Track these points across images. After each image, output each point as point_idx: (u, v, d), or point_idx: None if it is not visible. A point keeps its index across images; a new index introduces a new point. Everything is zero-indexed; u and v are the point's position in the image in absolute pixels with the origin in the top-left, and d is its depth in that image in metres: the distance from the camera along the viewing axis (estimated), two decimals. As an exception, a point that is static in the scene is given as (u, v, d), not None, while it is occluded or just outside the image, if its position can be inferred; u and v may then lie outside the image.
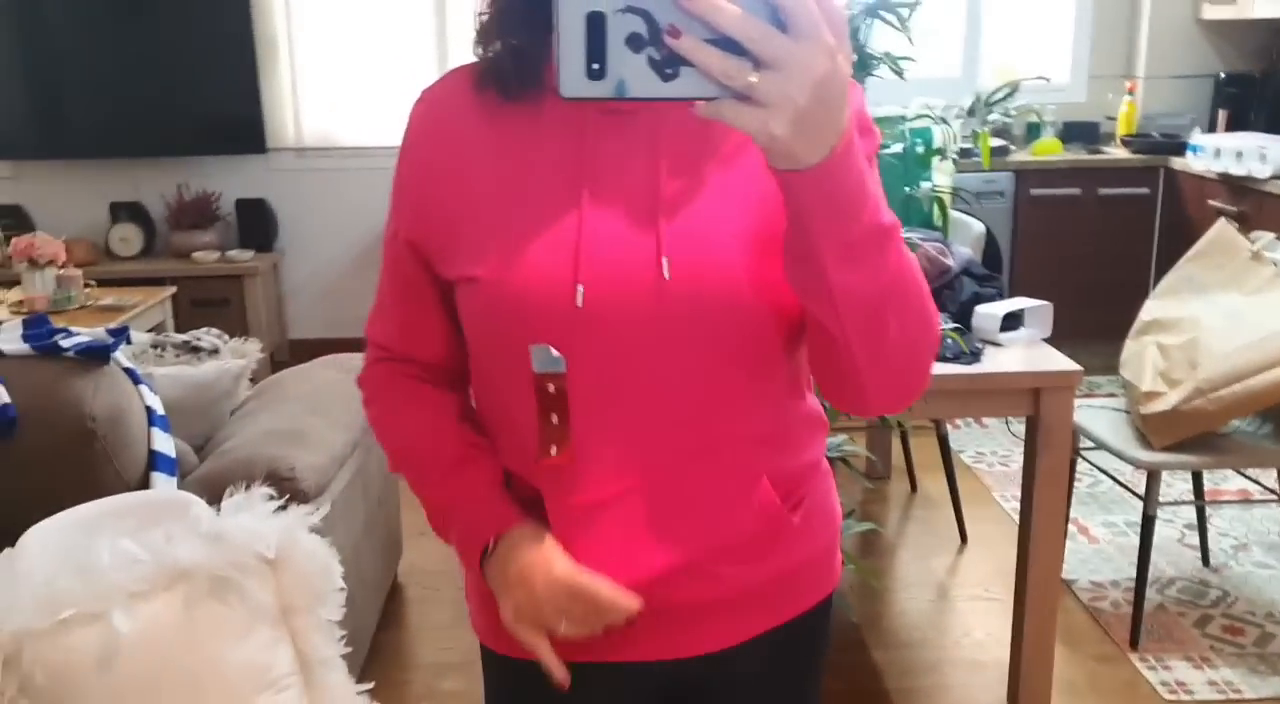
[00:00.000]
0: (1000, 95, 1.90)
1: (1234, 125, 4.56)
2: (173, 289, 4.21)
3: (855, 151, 0.77)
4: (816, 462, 1.09)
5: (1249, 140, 4.00)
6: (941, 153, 2.12)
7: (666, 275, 0.92)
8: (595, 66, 0.71)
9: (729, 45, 0.70)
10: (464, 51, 1.03)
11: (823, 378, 0.96)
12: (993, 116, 1.87)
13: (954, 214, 3.24)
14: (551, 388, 0.94)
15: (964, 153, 2.26)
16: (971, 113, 1.88)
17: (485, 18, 0.98)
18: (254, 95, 4.72)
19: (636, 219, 0.94)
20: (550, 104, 0.98)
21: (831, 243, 0.80)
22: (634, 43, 0.70)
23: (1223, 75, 4.70)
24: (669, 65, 0.70)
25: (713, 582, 1.01)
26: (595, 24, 0.71)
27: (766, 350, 0.96)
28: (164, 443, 1.95)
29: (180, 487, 2.00)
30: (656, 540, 0.98)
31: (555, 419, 0.95)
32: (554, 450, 0.96)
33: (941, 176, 2.40)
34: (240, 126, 4.73)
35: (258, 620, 1.46)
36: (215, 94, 4.69)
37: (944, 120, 2.05)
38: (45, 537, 1.41)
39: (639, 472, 0.97)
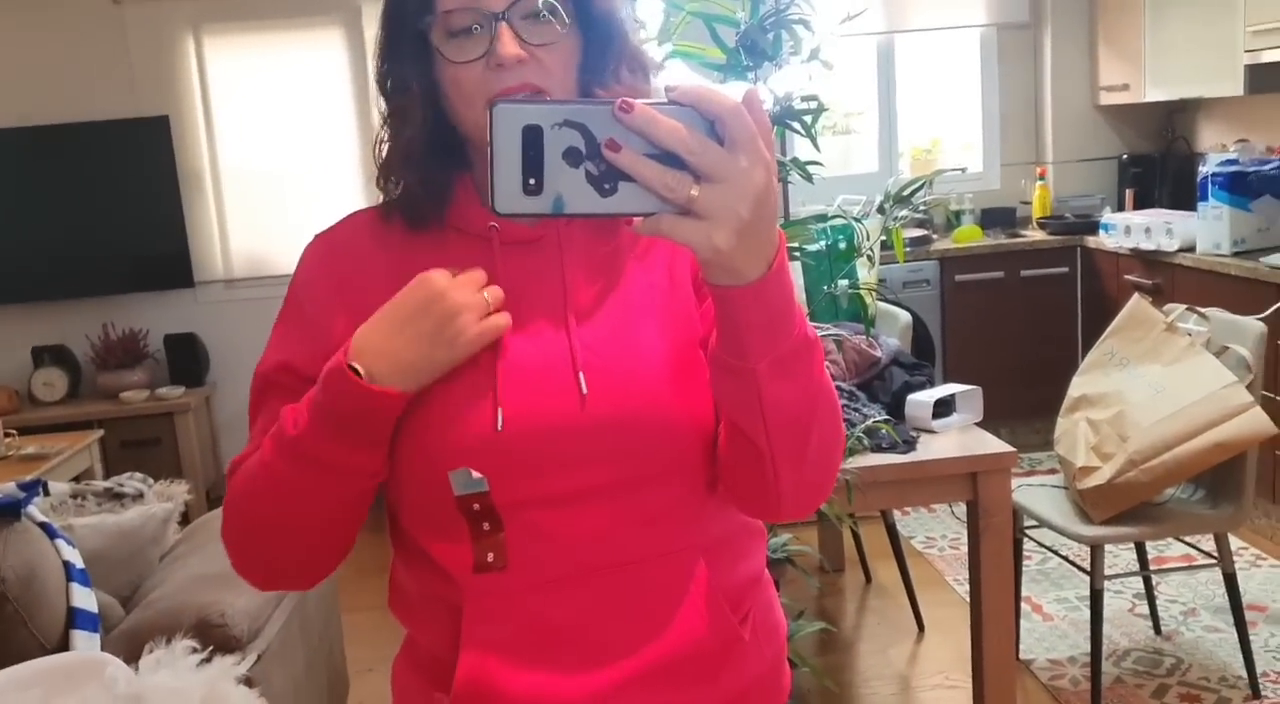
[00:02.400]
0: (909, 190, 1.95)
1: (1140, 203, 4.72)
2: (100, 432, 4.11)
3: (786, 266, 0.78)
4: (759, 572, 1.07)
5: (1155, 217, 4.14)
6: (859, 250, 2.17)
7: (584, 390, 0.92)
8: (531, 181, 0.70)
9: (669, 159, 0.70)
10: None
11: (737, 487, 0.96)
12: (902, 212, 1.92)
13: (882, 305, 3.29)
14: (477, 506, 0.93)
15: (884, 245, 2.30)
16: (881, 210, 1.93)
17: (388, 152, 0.99)
18: (180, 229, 4.70)
19: (550, 338, 0.95)
20: (453, 238, 0.99)
21: (766, 356, 0.81)
22: (571, 157, 0.70)
23: (1125, 156, 4.88)
24: (608, 180, 0.70)
25: (669, 699, 0.98)
26: (531, 138, 0.70)
27: (693, 458, 0.96)
28: (84, 598, 1.87)
29: (104, 641, 1.92)
30: (607, 652, 0.95)
31: (487, 526, 0.94)
32: (490, 557, 0.94)
33: (863, 272, 2.44)
34: (167, 261, 4.70)
35: (182, 783, 1.38)
36: (140, 230, 4.67)
37: (858, 219, 2.10)
38: (-53, 713, 1.33)
39: (581, 582, 0.94)
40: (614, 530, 0.94)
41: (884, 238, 2.04)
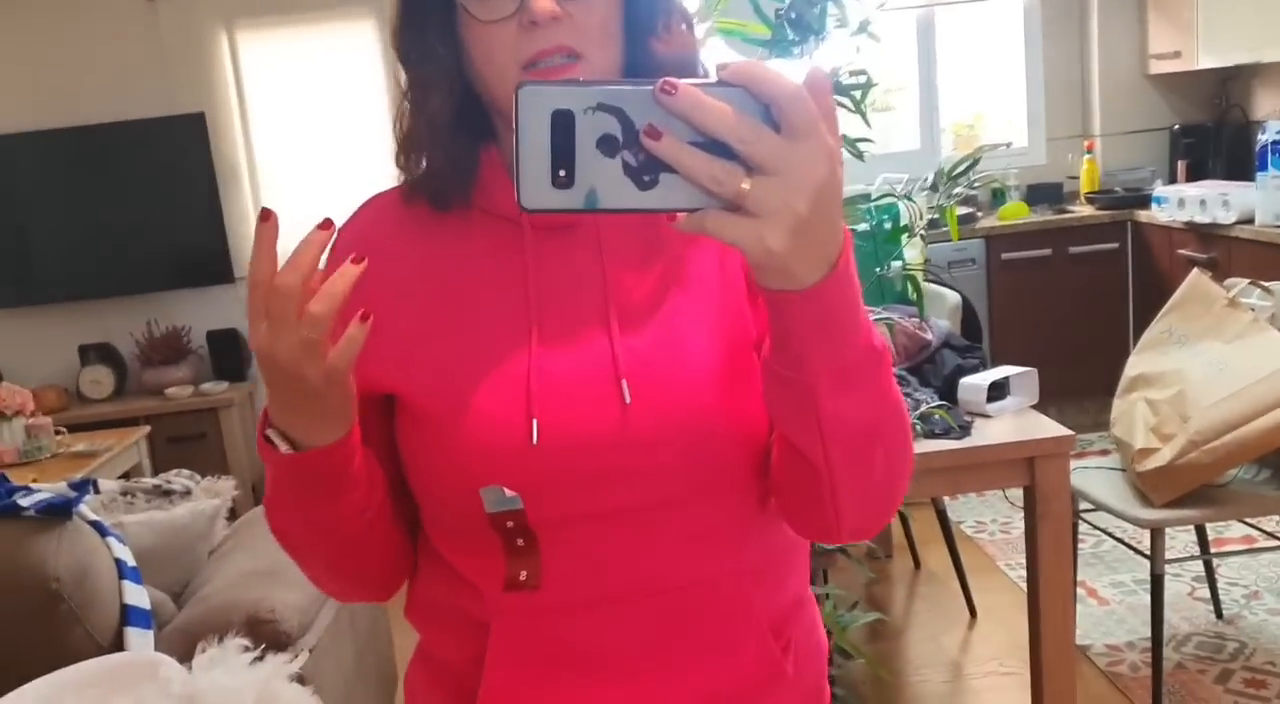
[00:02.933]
0: (962, 167, 1.89)
1: (1193, 175, 4.60)
2: (147, 429, 4.14)
3: (853, 267, 0.69)
4: (803, 593, 1.00)
5: (1211, 188, 4.03)
6: (909, 230, 2.10)
7: (627, 399, 0.85)
8: (562, 173, 0.62)
9: (717, 148, 0.62)
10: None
11: (791, 507, 0.89)
12: (957, 190, 1.86)
13: (928, 287, 3.22)
14: (510, 524, 0.86)
15: (931, 224, 2.24)
16: (935, 188, 1.87)
17: (409, 126, 0.91)
18: (218, 225, 4.71)
19: (590, 341, 0.87)
20: (478, 222, 0.91)
21: (825, 368, 0.72)
22: (606, 146, 0.62)
23: (1177, 127, 4.76)
24: (647, 171, 0.62)
25: None
26: (562, 125, 0.62)
27: (744, 474, 0.89)
28: (137, 596, 1.87)
29: (158, 638, 1.92)
30: (641, 681, 0.89)
31: (521, 543, 0.87)
32: (524, 576, 0.88)
33: (912, 252, 2.38)
34: (206, 257, 4.72)
35: (238, 784, 1.37)
36: (179, 227, 4.69)
37: (909, 197, 2.03)
38: (6, 714, 1.33)
39: (618, 605, 0.88)
40: (655, 551, 0.88)
41: (935, 215, 1.98)
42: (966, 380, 2.41)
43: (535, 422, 0.84)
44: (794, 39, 1.84)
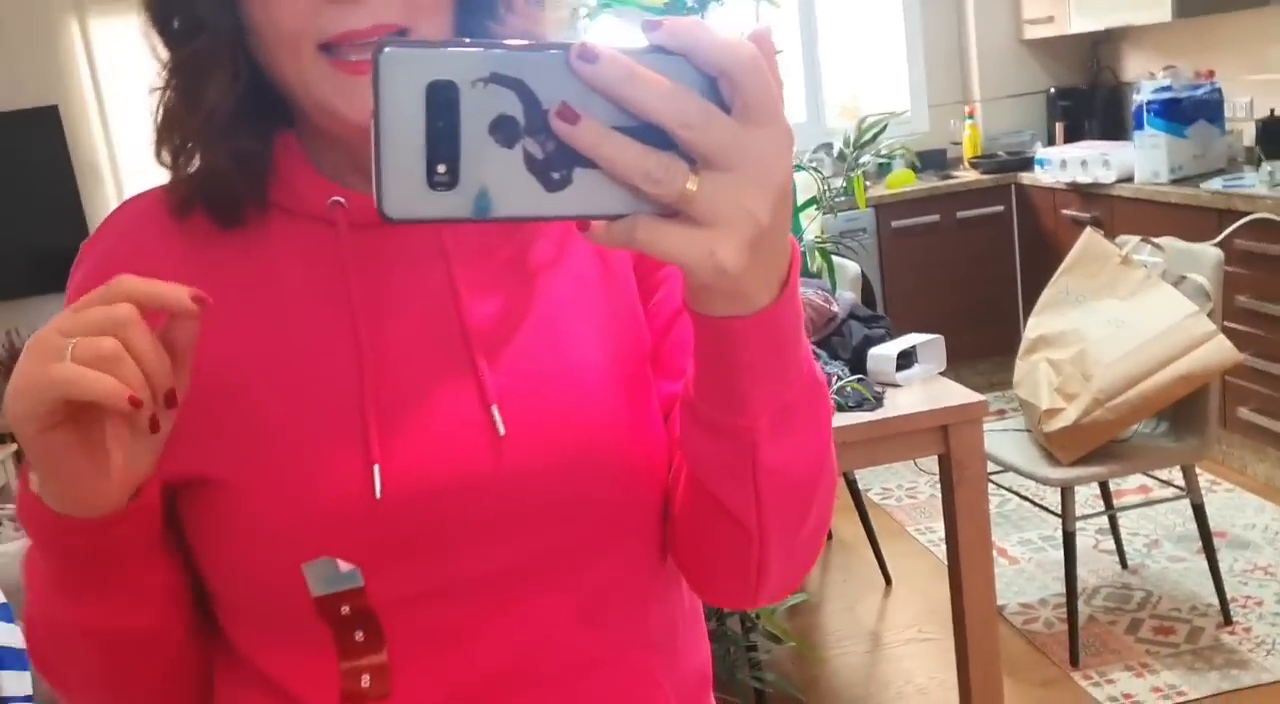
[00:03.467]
0: (870, 135, 1.85)
1: (1070, 136, 4.70)
2: (13, 447, 3.88)
3: (798, 286, 0.56)
4: (708, 669, 0.83)
5: (1091, 149, 4.11)
6: (817, 201, 2.06)
7: (501, 430, 0.67)
8: (441, 169, 0.46)
9: (651, 135, 0.47)
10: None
11: (701, 569, 0.73)
12: (864, 159, 1.82)
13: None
14: (346, 609, 0.67)
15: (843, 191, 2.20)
16: (841, 157, 1.83)
17: (176, 117, 0.69)
18: (81, 226, 4.45)
19: (443, 362, 0.69)
20: (277, 226, 0.71)
21: (767, 409, 0.58)
22: (503, 132, 0.46)
23: (1053, 90, 4.86)
24: (558, 166, 0.47)
25: None
26: (442, 103, 0.46)
27: (648, 518, 0.73)
28: (8, 635, 1.72)
29: (35, 679, 1.77)
30: None
31: (360, 637, 0.67)
32: (366, 681, 0.67)
33: (811, 224, 2.35)
34: (69, 260, 4.43)
35: None
36: (39, 228, 4.41)
37: (815, 168, 1.99)
38: None
39: (497, 698, 0.69)
40: (543, 627, 0.69)
41: (842, 186, 1.94)
42: (875, 351, 2.39)
43: (377, 468, 0.65)
44: (692, 5, 1.77)
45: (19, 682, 1.63)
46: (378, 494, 0.65)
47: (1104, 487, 3.02)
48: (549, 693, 0.70)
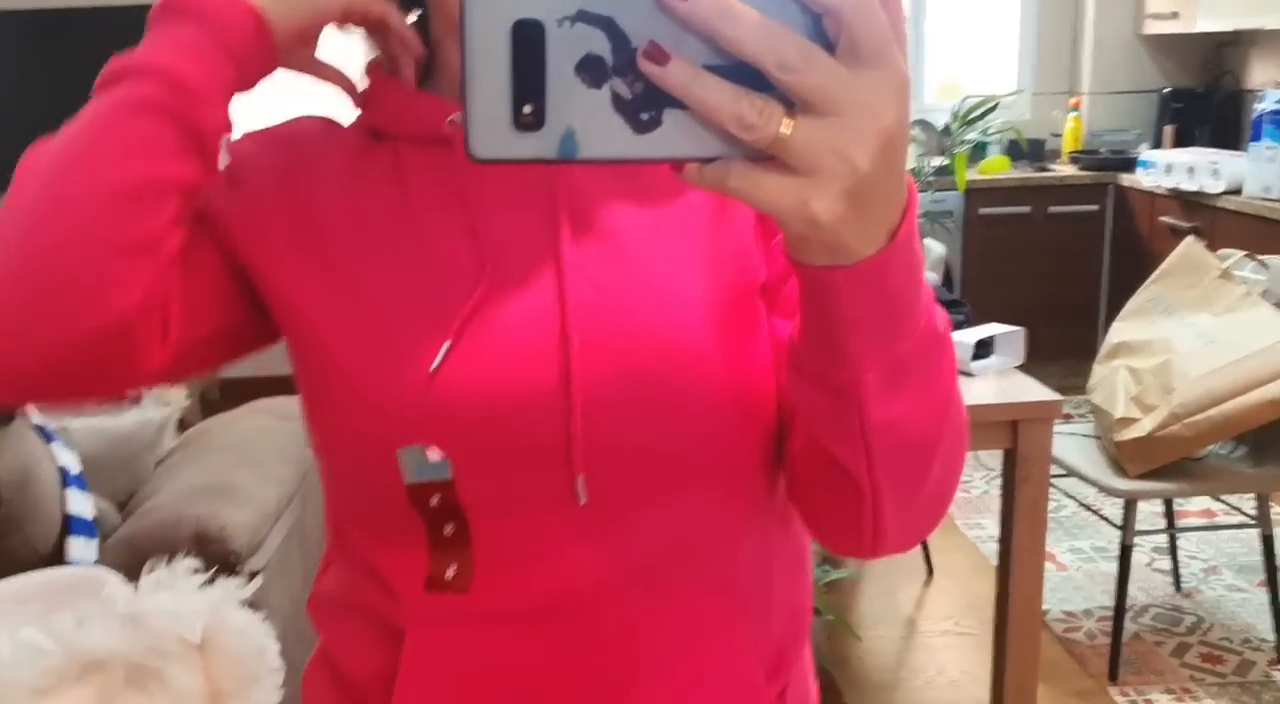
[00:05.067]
0: (978, 112, 1.78)
1: (1180, 141, 4.55)
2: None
3: (917, 235, 0.53)
4: (805, 627, 0.81)
5: (1200, 155, 3.98)
6: (915, 172, 2.00)
7: (572, 344, 0.66)
8: (527, 110, 0.45)
9: (746, 76, 0.45)
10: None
11: (818, 519, 0.71)
12: (970, 136, 1.75)
13: (912, 236, 3.15)
14: (435, 501, 0.68)
15: (938, 172, 2.13)
16: (946, 132, 1.76)
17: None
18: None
19: (535, 276, 0.69)
20: (404, 146, 0.74)
21: (875, 364, 0.55)
22: (590, 72, 0.45)
23: (1167, 90, 4.70)
24: (646, 107, 0.45)
25: None
26: (527, 42, 0.45)
27: (743, 460, 0.71)
28: (81, 504, 1.76)
29: (101, 549, 1.82)
30: None
31: (450, 530, 0.69)
32: (451, 573, 0.70)
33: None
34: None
35: (183, 714, 1.29)
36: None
37: (914, 138, 1.93)
38: (-67, 631, 1.23)
39: (567, 621, 0.70)
40: (619, 552, 0.69)
41: (944, 162, 1.88)
42: (953, 337, 2.34)
43: (443, 350, 0.67)
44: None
45: (87, 548, 1.68)
46: (432, 369, 0.66)
47: (1168, 504, 2.96)
48: (616, 622, 0.70)
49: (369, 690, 0.75)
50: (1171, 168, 4.00)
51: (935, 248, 3.12)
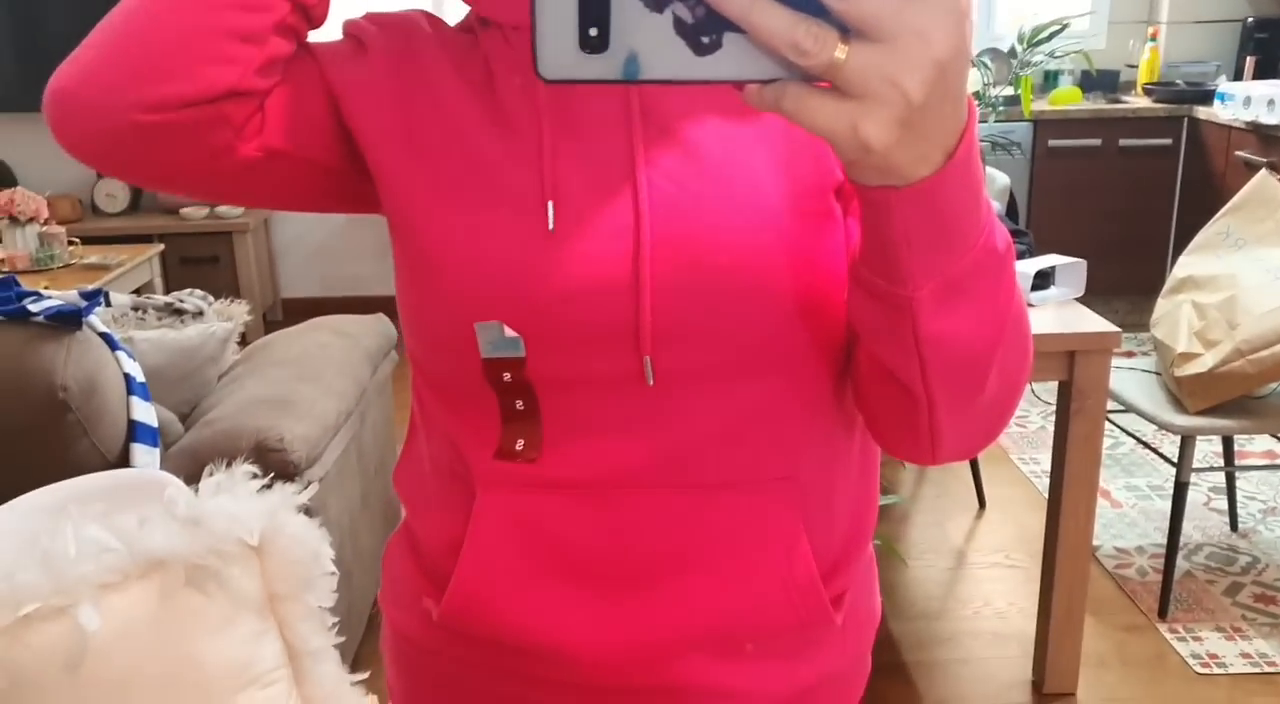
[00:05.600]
0: (1046, 34, 1.72)
1: (1261, 73, 4.39)
2: (160, 247, 4.06)
3: (976, 151, 0.53)
4: (867, 537, 0.83)
5: (1281, 87, 3.84)
6: (980, 97, 1.95)
7: (645, 227, 0.69)
8: (593, 32, 0.48)
9: (802, 1, 0.46)
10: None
11: (878, 425, 0.73)
12: (1037, 58, 1.69)
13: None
14: (508, 377, 0.72)
15: (1007, 101, 2.07)
16: (1012, 54, 1.71)
17: None
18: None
19: (612, 169, 0.71)
20: (495, 36, 0.76)
21: (929, 280, 0.57)
22: None
23: (1250, 20, 4.52)
24: (707, 30, 0.47)
25: (735, 670, 0.77)
26: None
27: (805, 355, 0.72)
28: (144, 412, 1.82)
29: (163, 457, 1.88)
30: (647, 603, 0.74)
31: (521, 405, 0.73)
32: (520, 444, 0.73)
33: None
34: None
35: (240, 611, 1.34)
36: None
37: (984, 63, 1.88)
38: (5, 524, 1.29)
39: (627, 498, 0.73)
40: (681, 433, 0.72)
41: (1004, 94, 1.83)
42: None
43: (550, 207, 0.69)
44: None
45: (150, 455, 1.73)
46: (550, 227, 0.69)
47: (1227, 443, 2.91)
48: (676, 501, 0.73)
49: (442, 555, 0.80)
50: (1250, 101, 3.87)
51: (999, 178, 3.06)
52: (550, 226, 0.69)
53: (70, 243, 3.71)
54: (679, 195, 0.69)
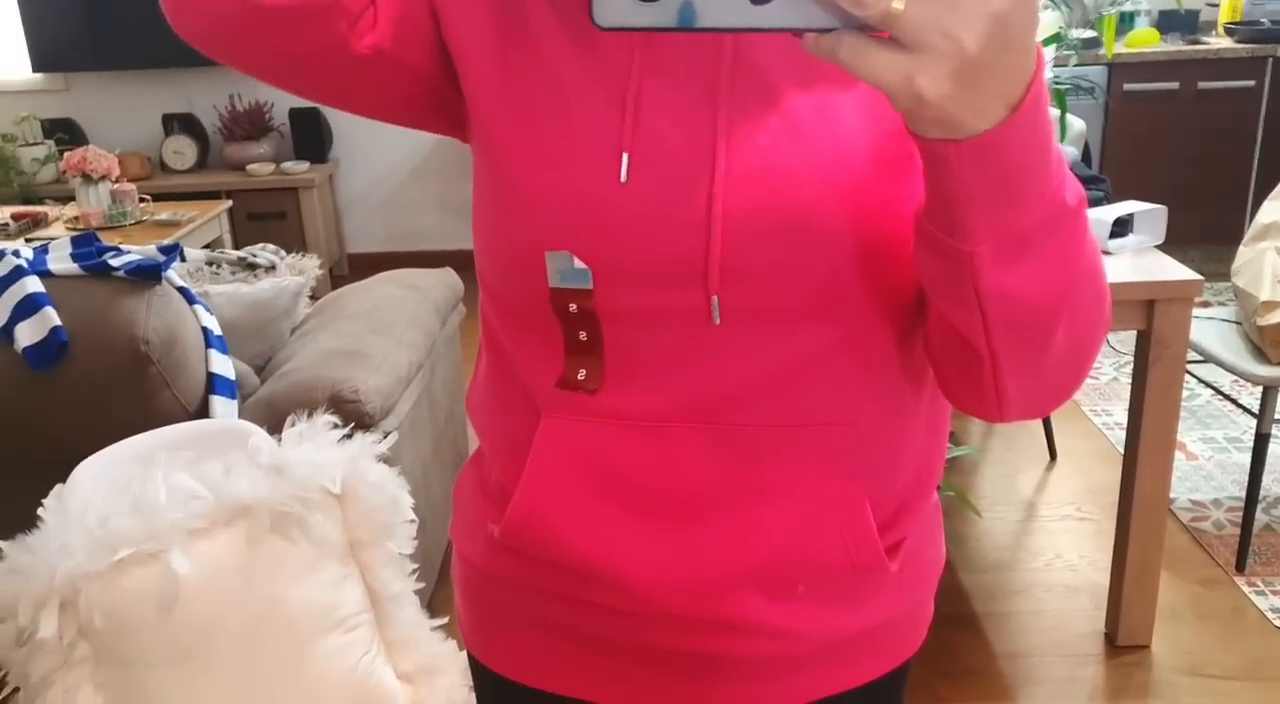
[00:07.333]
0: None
1: (1350, 10, 4.23)
2: (228, 203, 4.12)
3: (1044, 102, 0.53)
4: (929, 489, 0.83)
5: (1371, 25, 3.69)
6: (1060, 39, 1.90)
7: (719, 165, 0.67)
8: None
9: None
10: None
11: (947, 381, 0.73)
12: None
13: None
14: (574, 307, 0.71)
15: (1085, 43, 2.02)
16: (1088, -2, 1.67)
17: None
18: None
19: (692, 105, 0.69)
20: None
21: (991, 235, 0.56)
22: None
23: (1339, -46, 4.35)
24: None
25: (787, 610, 0.77)
26: None
27: (866, 308, 0.71)
28: (222, 365, 1.86)
29: (241, 409, 1.92)
30: (702, 536, 0.74)
31: (584, 336, 0.72)
32: (582, 375, 0.73)
33: (1049, 64, 2.19)
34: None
35: (324, 557, 1.37)
36: None
37: (1064, 3, 1.82)
38: (98, 471, 1.33)
39: (688, 433, 0.73)
40: (743, 372, 0.71)
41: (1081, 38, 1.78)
42: (1091, 213, 2.25)
43: (626, 157, 0.68)
44: None
45: (228, 407, 1.77)
46: (623, 178, 0.67)
47: (1310, 394, 2.83)
48: (737, 437, 0.73)
49: (505, 476, 0.80)
50: (1339, 38, 3.72)
51: (1075, 123, 2.99)
52: (624, 172, 0.69)
53: (141, 200, 3.77)
54: (756, 135, 0.68)
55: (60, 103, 4.81)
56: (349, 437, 1.45)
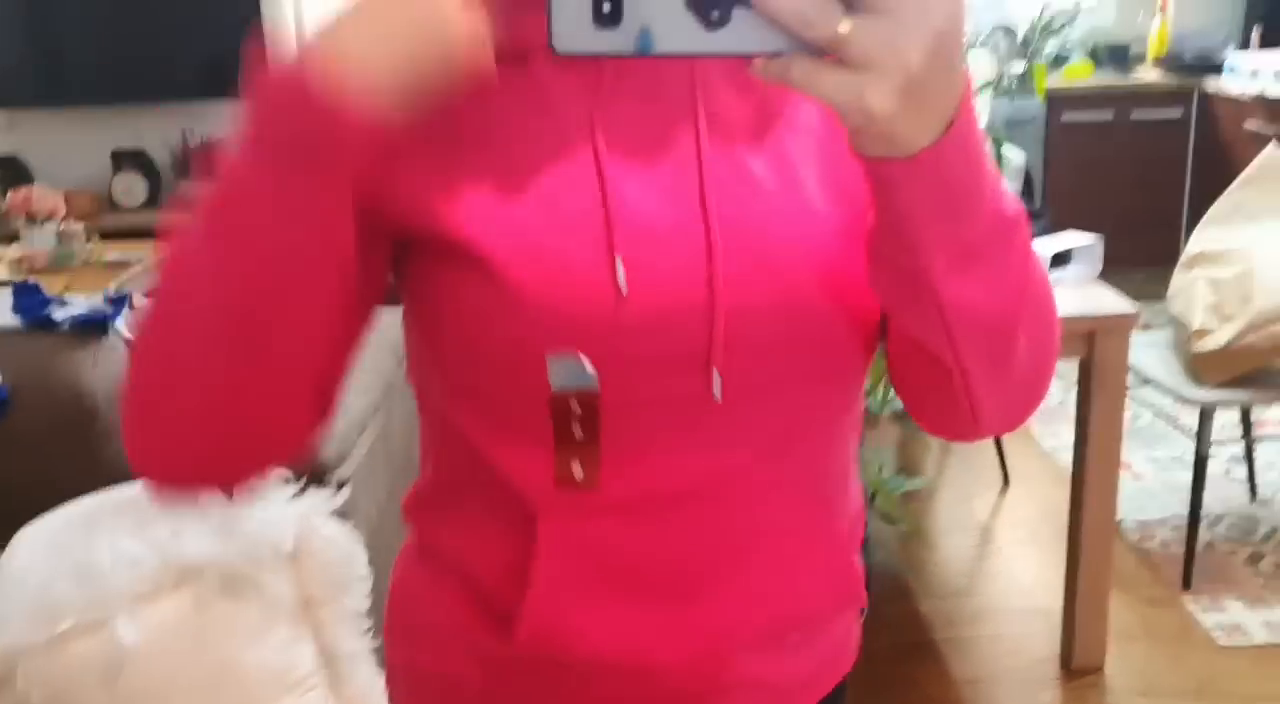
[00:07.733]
0: (1060, 23, 1.73)
1: (1268, 42, 4.35)
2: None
3: (975, 124, 0.56)
4: (859, 526, 0.84)
5: (1290, 56, 3.82)
6: (995, 85, 1.95)
7: (714, 249, 0.68)
8: (606, 7, 0.50)
9: None
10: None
11: (920, 406, 0.75)
12: (1050, 46, 1.70)
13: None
14: (576, 407, 0.70)
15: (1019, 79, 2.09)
16: (1026, 42, 1.72)
17: None
18: (257, 34, 4.53)
19: (675, 194, 0.69)
20: (542, 60, 0.71)
21: (941, 248, 0.58)
22: None
23: (1259, -14, 4.49)
24: (717, 4, 0.50)
25: (778, 660, 0.78)
26: None
27: (849, 364, 0.74)
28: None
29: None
30: (713, 606, 0.74)
31: (580, 434, 0.70)
32: (577, 469, 0.71)
33: (983, 111, 2.24)
34: (240, 67, 4.55)
35: (276, 617, 1.36)
36: (216, 33, 4.49)
37: (995, 44, 1.87)
38: (38, 538, 1.31)
39: (688, 511, 0.73)
40: (741, 442, 0.72)
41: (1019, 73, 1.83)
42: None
43: (620, 267, 0.66)
44: None
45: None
46: (621, 287, 0.66)
47: (1245, 414, 2.91)
48: (735, 507, 0.73)
49: (499, 582, 0.76)
50: (1257, 72, 3.84)
51: (1015, 156, 3.05)
52: (622, 283, 0.67)
53: (89, 239, 3.71)
54: (737, 210, 0.69)
55: (4, 140, 4.73)
56: (302, 491, 1.45)
